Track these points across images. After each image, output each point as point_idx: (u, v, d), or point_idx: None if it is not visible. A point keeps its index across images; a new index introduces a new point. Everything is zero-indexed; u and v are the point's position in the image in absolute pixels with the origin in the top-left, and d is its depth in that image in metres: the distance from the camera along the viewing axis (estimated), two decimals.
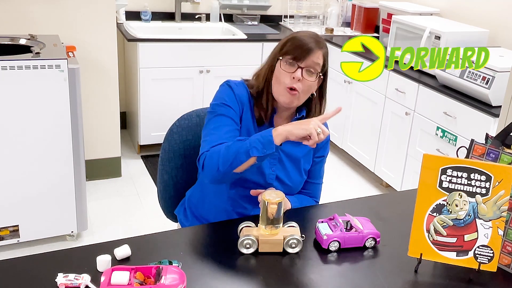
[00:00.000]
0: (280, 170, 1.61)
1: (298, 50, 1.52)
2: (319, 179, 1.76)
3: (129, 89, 3.94)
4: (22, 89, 2.34)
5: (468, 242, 1.28)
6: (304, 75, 1.52)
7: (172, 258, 1.28)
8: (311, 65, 1.53)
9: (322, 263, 1.34)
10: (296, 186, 1.67)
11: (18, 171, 2.46)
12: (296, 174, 1.64)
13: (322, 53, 1.56)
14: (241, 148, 1.41)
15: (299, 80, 1.51)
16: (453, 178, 1.25)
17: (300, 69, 1.51)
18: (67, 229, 2.66)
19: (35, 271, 1.22)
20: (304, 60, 1.51)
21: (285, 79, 1.52)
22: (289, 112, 1.62)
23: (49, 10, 2.92)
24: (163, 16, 4.04)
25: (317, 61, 1.54)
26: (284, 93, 1.53)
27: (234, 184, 1.59)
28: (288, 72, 1.52)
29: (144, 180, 3.45)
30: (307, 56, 1.51)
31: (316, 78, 1.56)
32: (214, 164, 1.44)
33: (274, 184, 1.60)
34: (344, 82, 3.76)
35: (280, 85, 1.53)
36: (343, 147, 3.92)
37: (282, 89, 1.53)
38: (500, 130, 1.35)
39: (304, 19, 4.37)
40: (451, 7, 3.59)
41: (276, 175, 1.61)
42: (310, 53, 1.52)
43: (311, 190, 1.74)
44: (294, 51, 1.52)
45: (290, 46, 1.53)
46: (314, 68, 1.54)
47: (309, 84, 1.54)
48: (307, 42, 1.52)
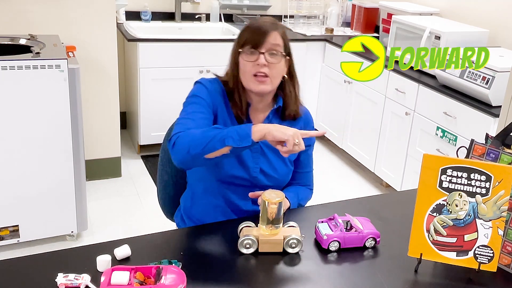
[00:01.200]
0: (264, 163, 1.61)
1: (254, 35, 1.52)
2: (308, 168, 1.75)
3: (129, 89, 3.94)
4: (22, 89, 2.34)
5: (468, 242, 1.28)
6: (268, 59, 1.52)
7: (172, 258, 1.28)
8: (271, 47, 1.52)
9: (322, 263, 1.34)
10: (282, 178, 1.66)
11: (18, 171, 2.46)
12: (281, 165, 1.64)
13: (279, 34, 1.55)
14: (217, 135, 1.37)
15: (265, 65, 1.51)
16: (453, 178, 1.25)
17: (262, 54, 1.51)
18: (67, 229, 2.66)
19: (35, 271, 1.22)
20: (263, 44, 1.51)
21: (251, 68, 1.53)
22: (264, 103, 1.62)
23: (49, 10, 2.92)
24: (163, 16, 4.04)
25: (276, 42, 1.53)
26: (252, 81, 1.53)
27: (219, 180, 1.60)
28: (251, 62, 1.52)
29: (144, 180, 3.45)
30: (264, 40, 1.51)
31: (281, 59, 1.55)
32: (186, 145, 1.40)
33: (259, 177, 1.60)
34: (344, 82, 3.76)
35: (246, 75, 1.54)
36: (343, 147, 3.92)
37: (249, 77, 1.53)
38: (500, 130, 1.35)
39: (304, 19, 4.37)
40: (451, 7, 3.59)
41: (260, 168, 1.60)
42: (266, 36, 1.51)
43: (303, 180, 1.74)
44: (251, 39, 1.52)
45: (246, 35, 1.54)
46: (276, 50, 1.53)
47: (276, 66, 1.54)
48: (261, 25, 1.53)
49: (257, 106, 1.62)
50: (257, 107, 1.62)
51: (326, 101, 4.10)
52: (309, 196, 1.76)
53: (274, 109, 1.61)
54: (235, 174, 1.58)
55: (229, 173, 1.57)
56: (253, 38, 1.52)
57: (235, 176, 1.58)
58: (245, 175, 1.59)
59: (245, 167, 1.59)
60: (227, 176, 1.58)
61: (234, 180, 1.59)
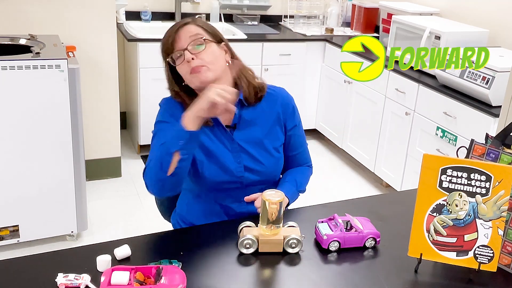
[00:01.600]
0: (246, 159, 1.57)
1: (168, 40, 1.52)
2: (301, 147, 1.71)
3: (129, 89, 3.94)
4: (22, 89, 2.34)
5: (468, 242, 1.28)
6: (192, 50, 1.50)
7: (172, 258, 1.28)
8: (191, 39, 1.50)
9: (322, 263, 1.34)
10: (271, 169, 1.61)
11: (18, 171, 2.46)
12: (265, 156, 1.59)
13: (194, 24, 1.54)
14: (163, 151, 1.40)
15: (193, 58, 1.49)
16: (453, 178, 1.25)
17: (186, 50, 1.49)
18: (67, 229, 2.66)
19: (35, 271, 1.22)
20: (180, 42, 1.50)
21: (186, 70, 1.51)
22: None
23: (49, 10, 2.92)
24: (163, 16, 4.04)
25: (193, 33, 1.51)
26: (192, 77, 1.51)
27: (207, 189, 1.59)
28: (182, 64, 1.51)
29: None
30: (178, 37, 1.51)
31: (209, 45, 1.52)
32: (150, 176, 1.46)
33: (245, 176, 1.57)
34: (344, 82, 3.76)
35: (187, 77, 1.53)
36: (343, 147, 3.92)
37: (189, 78, 1.52)
38: (500, 130, 1.35)
39: (304, 19, 4.37)
40: (451, 7, 3.59)
41: (244, 165, 1.57)
42: (178, 33, 1.51)
43: (299, 160, 1.71)
44: (167, 42, 1.52)
45: (164, 45, 1.54)
46: (197, 39, 1.50)
47: (206, 52, 1.51)
48: (171, 27, 1.54)
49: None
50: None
51: (326, 101, 4.10)
52: (309, 173, 1.73)
53: (237, 103, 1.56)
54: (220, 180, 1.56)
55: (214, 180, 1.55)
56: (168, 41, 1.52)
57: (221, 181, 1.56)
58: (231, 178, 1.56)
59: (227, 170, 1.56)
60: (213, 184, 1.56)
61: (222, 186, 1.57)
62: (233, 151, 1.57)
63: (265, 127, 1.60)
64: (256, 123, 1.59)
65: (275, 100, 1.63)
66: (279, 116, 1.62)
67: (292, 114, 1.65)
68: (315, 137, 4.33)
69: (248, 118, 1.59)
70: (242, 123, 1.58)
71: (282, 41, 3.88)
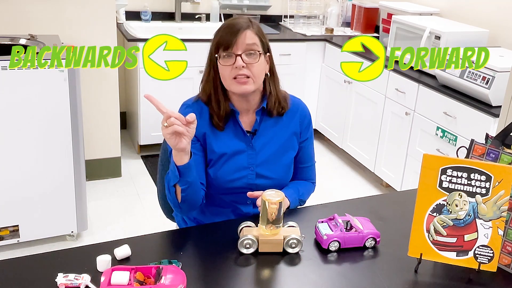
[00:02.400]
0: (259, 166, 1.59)
1: (227, 36, 1.48)
2: (309, 162, 1.73)
3: (129, 89, 3.94)
4: (22, 89, 2.34)
5: (468, 242, 1.28)
6: (246, 60, 1.48)
7: (172, 258, 1.28)
8: (247, 48, 1.48)
9: (322, 263, 1.34)
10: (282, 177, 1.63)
11: (18, 171, 2.46)
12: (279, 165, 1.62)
13: (254, 32, 1.51)
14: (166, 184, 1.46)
15: (243, 66, 1.48)
16: (453, 178, 1.25)
17: (239, 56, 1.47)
18: (67, 229, 2.66)
19: (35, 271, 1.22)
20: (237, 45, 1.47)
21: (230, 72, 1.49)
22: (252, 105, 1.59)
23: (49, 10, 2.92)
24: (163, 16, 4.04)
25: (251, 41, 1.49)
26: (233, 83, 1.50)
27: (218, 191, 1.60)
28: (229, 65, 1.49)
29: (144, 180, 3.45)
30: (238, 40, 1.47)
31: (260, 57, 1.51)
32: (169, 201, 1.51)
33: (256, 182, 1.59)
34: (344, 82, 3.76)
35: (227, 79, 1.51)
36: (343, 147, 3.92)
37: (230, 81, 1.50)
38: (500, 130, 1.35)
39: (304, 19, 4.37)
40: (451, 7, 3.59)
41: (256, 172, 1.59)
42: (239, 35, 1.47)
43: (305, 174, 1.72)
44: (224, 40, 1.48)
45: (220, 38, 1.49)
46: (252, 49, 1.49)
47: (256, 65, 1.50)
48: (233, 25, 1.49)
49: (245, 110, 1.59)
50: (245, 110, 1.59)
51: (326, 101, 4.10)
52: (311, 189, 1.74)
53: (259, 110, 1.58)
54: (231, 186, 1.58)
55: (225, 183, 1.57)
56: (226, 39, 1.48)
57: (232, 187, 1.58)
58: (242, 184, 1.58)
59: (240, 174, 1.58)
60: (224, 186, 1.58)
61: (232, 190, 1.59)
62: (249, 157, 1.58)
63: (283, 136, 1.63)
64: (275, 132, 1.62)
65: (295, 111, 1.65)
66: (297, 127, 1.65)
67: (308, 127, 1.68)
68: (315, 137, 4.32)
69: (268, 126, 1.61)
70: (262, 130, 1.61)
71: (282, 41, 3.88)
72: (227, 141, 1.57)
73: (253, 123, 1.60)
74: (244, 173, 1.58)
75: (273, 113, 1.60)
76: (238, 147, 1.58)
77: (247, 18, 1.55)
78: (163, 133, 1.31)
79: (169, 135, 1.30)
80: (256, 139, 1.60)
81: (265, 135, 1.60)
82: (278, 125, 1.62)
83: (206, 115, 1.56)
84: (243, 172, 1.58)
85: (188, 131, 1.31)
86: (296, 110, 1.66)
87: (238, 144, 1.58)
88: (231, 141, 1.58)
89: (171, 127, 1.28)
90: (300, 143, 1.67)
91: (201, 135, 1.56)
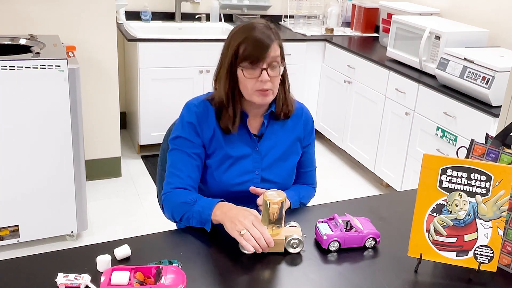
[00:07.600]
0: (264, 169, 1.60)
1: (256, 52, 1.45)
2: (311, 167, 1.74)
3: (129, 89, 3.94)
4: (22, 89, 2.34)
5: (468, 242, 1.28)
6: (270, 73, 1.47)
7: (172, 258, 1.28)
8: (272, 61, 1.47)
9: (322, 263, 1.34)
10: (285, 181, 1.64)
11: (18, 171, 2.46)
12: (283, 169, 1.63)
13: (278, 44, 1.50)
14: (186, 213, 1.46)
15: (268, 80, 1.47)
16: (453, 178, 1.25)
17: (264, 70, 1.46)
18: (67, 229, 2.66)
19: (35, 271, 1.22)
20: (264, 60, 1.45)
21: (253, 85, 1.48)
22: (262, 110, 1.59)
23: (49, 10, 2.92)
24: (163, 16, 4.04)
25: (276, 54, 1.48)
26: (255, 94, 1.49)
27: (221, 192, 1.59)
28: (253, 78, 1.47)
29: (144, 180, 3.45)
30: (266, 55, 1.45)
31: (280, 69, 1.51)
32: (169, 213, 1.52)
33: (260, 186, 1.58)
34: (344, 82, 3.76)
35: (249, 90, 1.49)
36: (343, 147, 3.92)
37: (252, 92, 1.49)
38: (500, 130, 1.35)
39: (304, 19, 4.37)
40: (451, 7, 3.59)
41: (261, 176, 1.60)
42: (267, 51, 1.45)
43: (305, 178, 1.73)
44: (252, 55, 1.45)
45: (246, 51, 1.45)
46: (276, 61, 1.48)
47: (277, 77, 1.51)
48: (261, 40, 1.45)
49: (254, 113, 1.60)
50: (254, 115, 1.60)
51: (326, 101, 4.10)
52: (312, 194, 1.75)
53: (267, 114, 1.59)
54: (235, 190, 1.58)
55: (230, 185, 1.58)
56: (255, 54, 1.44)
57: (236, 190, 1.59)
58: (246, 187, 1.58)
59: (245, 178, 1.58)
60: (228, 189, 1.58)
61: (236, 194, 1.59)
62: (255, 160, 1.59)
63: (288, 141, 1.64)
64: (280, 136, 1.63)
65: (299, 115, 1.67)
66: (301, 132, 1.66)
67: (311, 132, 1.70)
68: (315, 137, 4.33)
69: (274, 130, 1.62)
70: (268, 133, 1.61)
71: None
72: (233, 144, 1.57)
73: (260, 126, 1.61)
74: (249, 177, 1.59)
75: (280, 116, 1.61)
76: (244, 150, 1.58)
77: (269, 26, 1.50)
78: (242, 243, 1.30)
79: (244, 243, 1.29)
80: (262, 142, 1.60)
81: (271, 138, 1.61)
82: (283, 129, 1.63)
83: (213, 117, 1.56)
84: (248, 176, 1.59)
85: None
86: (301, 114, 1.67)
87: (244, 148, 1.58)
88: (237, 144, 1.58)
89: (253, 244, 1.28)
90: (303, 147, 1.69)
91: (207, 138, 1.56)
